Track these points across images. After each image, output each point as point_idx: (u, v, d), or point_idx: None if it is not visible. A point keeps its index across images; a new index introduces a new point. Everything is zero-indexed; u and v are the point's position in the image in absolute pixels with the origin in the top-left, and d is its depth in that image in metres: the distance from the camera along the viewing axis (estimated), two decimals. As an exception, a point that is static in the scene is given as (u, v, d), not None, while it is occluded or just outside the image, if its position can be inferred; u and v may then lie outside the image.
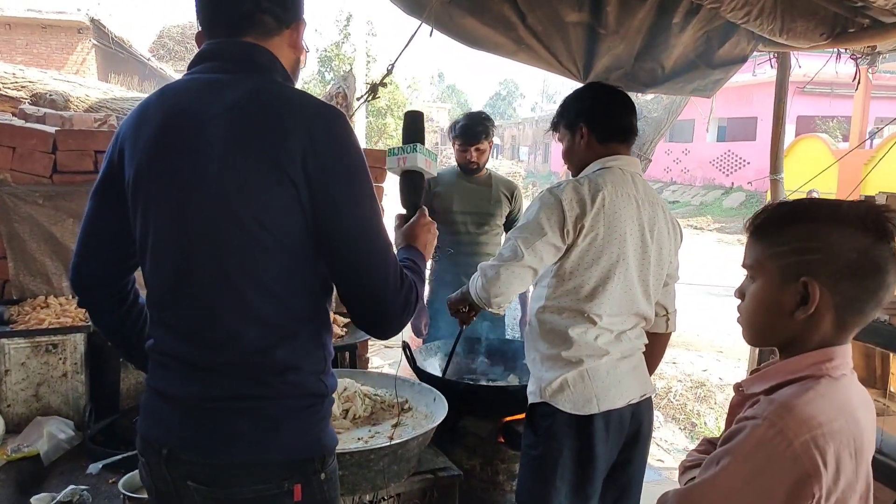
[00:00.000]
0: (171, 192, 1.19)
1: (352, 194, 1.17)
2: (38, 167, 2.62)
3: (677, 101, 4.35)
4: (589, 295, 1.83)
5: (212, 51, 1.24)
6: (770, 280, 1.03)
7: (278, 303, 1.18)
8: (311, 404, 1.23)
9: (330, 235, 1.17)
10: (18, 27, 15.02)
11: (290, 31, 1.27)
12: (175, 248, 1.20)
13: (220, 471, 1.18)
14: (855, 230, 0.97)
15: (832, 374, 0.99)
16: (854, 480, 0.97)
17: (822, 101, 17.13)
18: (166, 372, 1.23)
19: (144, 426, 1.26)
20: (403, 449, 1.92)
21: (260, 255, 1.15)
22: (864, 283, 0.98)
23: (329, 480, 1.25)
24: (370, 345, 6.11)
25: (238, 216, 1.14)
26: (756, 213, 1.09)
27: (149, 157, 1.20)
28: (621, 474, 1.95)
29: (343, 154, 1.17)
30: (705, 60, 3.31)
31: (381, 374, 2.52)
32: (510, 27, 2.96)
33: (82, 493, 1.85)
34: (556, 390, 1.83)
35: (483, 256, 3.32)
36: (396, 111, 18.41)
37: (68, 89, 4.07)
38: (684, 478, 1.15)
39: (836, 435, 0.94)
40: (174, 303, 1.22)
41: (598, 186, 1.82)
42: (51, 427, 2.17)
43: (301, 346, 1.21)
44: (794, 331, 1.02)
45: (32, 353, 2.24)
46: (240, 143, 1.14)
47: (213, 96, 1.18)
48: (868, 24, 2.93)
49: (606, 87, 2.06)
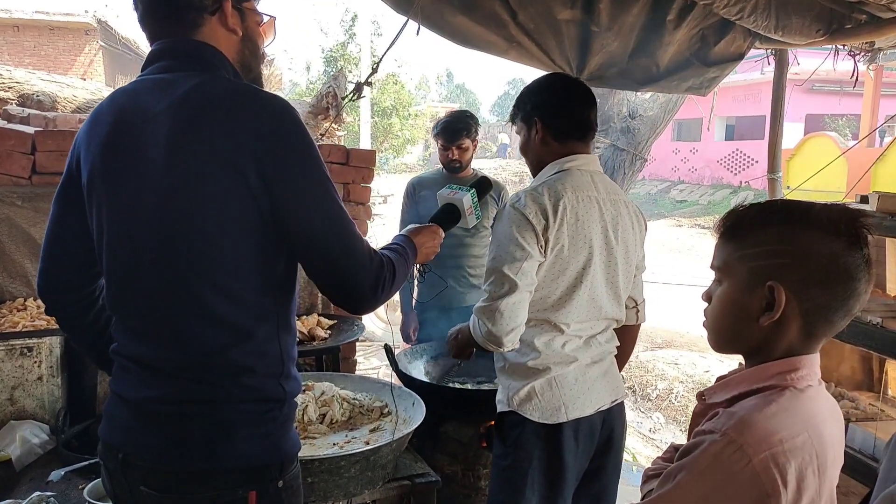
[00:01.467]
0: (120, 190, 1.18)
1: (307, 180, 1.16)
2: (17, 168, 2.59)
3: (673, 100, 4.29)
4: (555, 304, 1.77)
5: (158, 51, 1.23)
6: (737, 283, 0.98)
7: (233, 301, 1.16)
8: (268, 409, 1.20)
9: (290, 225, 1.16)
10: (26, 29, 15.13)
11: (218, 15, 1.23)
12: (126, 246, 1.19)
13: (172, 477, 1.17)
14: (827, 235, 0.92)
15: (797, 386, 0.95)
16: (817, 498, 0.91)
17: (831, 99, 16.96)
18: (126, 375, 1.22)
19: (104, 430, 1.25)
20: (376, 455, 1.87)
21: (211, 252, 1.14)
22: (834, 291, 0.92)
23: (288, 488, 1.22)
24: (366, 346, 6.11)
25: (186, 212, 1.13)
26: (727, 214, 1.04)
27: (101, 159, 1.21)
28: (594, 482, 1.90)
29: (293, 142, 1.16)
30: (700, 58, 3.26)
31: (361, 378, 2.48)
32: (501, 25, 2.92)
33: (49, 499, 1.82)
34: (524, 399, 1.78)
35: (469, 258, 3.28)
36: (402, 111, 18.37)
37: (56, 90, 4.06)
38: (646, 487, 1.11)
39: (798, 451, 0.89)
40: (128, 302, 1.22)
41: (558, 195, 1.74)
42: (24, 431, 2.14)
43: (256, 346, 1.19)
44: (760, 337, 0.97)
45: (7, 356, 2.21)
46: (185, 138, 1.13)
47: (160, 94, 1.17)
48: (865, 20, 2.87)
49: (565, 80, 1.97)
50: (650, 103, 4.36)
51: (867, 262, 0.93)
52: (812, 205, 0.98)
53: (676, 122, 21.97)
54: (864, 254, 0.92)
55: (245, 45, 1.28)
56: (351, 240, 1.20)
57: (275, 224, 1.15)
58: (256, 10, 1.31)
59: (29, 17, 14.95)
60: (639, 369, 6.29)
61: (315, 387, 2.23)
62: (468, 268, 3.29)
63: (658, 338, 7.22)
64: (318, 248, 1.18)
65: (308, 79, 20.63)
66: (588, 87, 1.95)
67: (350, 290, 1.22)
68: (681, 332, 7.28)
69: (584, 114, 1.86)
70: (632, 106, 4.39)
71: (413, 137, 19.22)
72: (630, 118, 4.35)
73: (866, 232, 0.93)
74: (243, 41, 1.28)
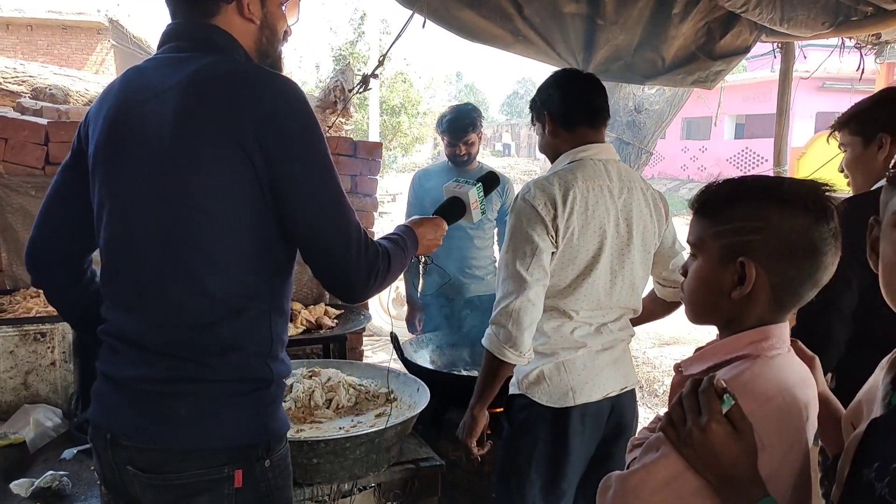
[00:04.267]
0: (122, 162, 1.19)
1: (308, 163, 1.16)
2: (31, 159, 2.64)
3: (679, 94, 4.29)
4: (564, 292, 1.77)
5: (172, 31, 1.25)
6: (710, 258, 1.01)
7: (225, 277, 1.16)
8: (256, 389, 1.21)
9: (287, 205, 1.16)
10: (39, 28, 15.27)
11: (235, 4, 1.23)
12: (125, 217, 1.20)
13: (157, 456, 1.17)
14: (796, 210, 0.95)
15: (767, 354, 0.98)
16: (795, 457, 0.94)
17: (842, 96, 16.84)
18: (114, 355, 1.23)
19: (94, 411, 1.26)
20: (381, 438, 1.90)
21: (208, 226, 1.14)
22: (802, 264, 0.95)
23: (275, 468, 1.23)
24: (374, 340, 6.14)
25: (187, 186, 1.13)
26: (701, 190, 1.07)
27: (107, 132, 1.22)
28: (603, 469, 1.87)
29: (296, 123, 1.16)
30: (706, 51, 3.26)
31: (367, 365, 2.51)
32: (507, 19, 2.94)
33: (62, 478, 1.86)
34: (533, 382, 1.80)
35: (474, 250, 3.30)
36: (411, 109, 18.39)
37: (68, 83, 4.12)
38: (630, 456, 1.13)
39: (773, 414, 0.92)
40: (121, 275, 1.22)
41: (567, 184, 1.74)
42: (38, 415, 2.19)
43: (246, 324, 1.19)
44: (732, 310, 1.00)
45: (21, 341, 2.26)
46: (191, 114, 1.13)
47: (169, 72, 1.18)
48: (871, 12, 2.87)
49: (570, 73, 1.96)
50: (656, 97, 4.36)
51: (834, 235, 0.95)
52: (782, 180, 1.01)
53: (685, 121, 21.89)
54: (830, 227, 0.95)
55: (263, 32, 1.28)
56: (347, 226, 1.19)
57: (274, 204, 1.15)
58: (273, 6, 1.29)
59: (42, 17, 15.08)
60: (646, 366, 6.30)
61: (321, 373, 2.27)
62: (471, 259, 3.32)
63: (666, 335, 7.21)
64: (313, 231, 1.18)
65: (318, 77, 20.68)
66: (597, 78, 1.95)
67: (342, 277, 1.22)
68: (689, 329, 7.27)
69: (590, 98, 1.86)
70: (637, 100, 4.41)
71: (422, 136, 19.22)
72: (636, 112, 4.36)
73: (831, 205, 0.95)
74: (261, 29, 1.28)
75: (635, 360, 6.20)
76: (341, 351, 2.77)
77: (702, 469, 0.89)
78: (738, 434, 0.87)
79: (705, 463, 0.88)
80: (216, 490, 1.17)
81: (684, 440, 0.89)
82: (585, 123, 1.85)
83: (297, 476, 1.79)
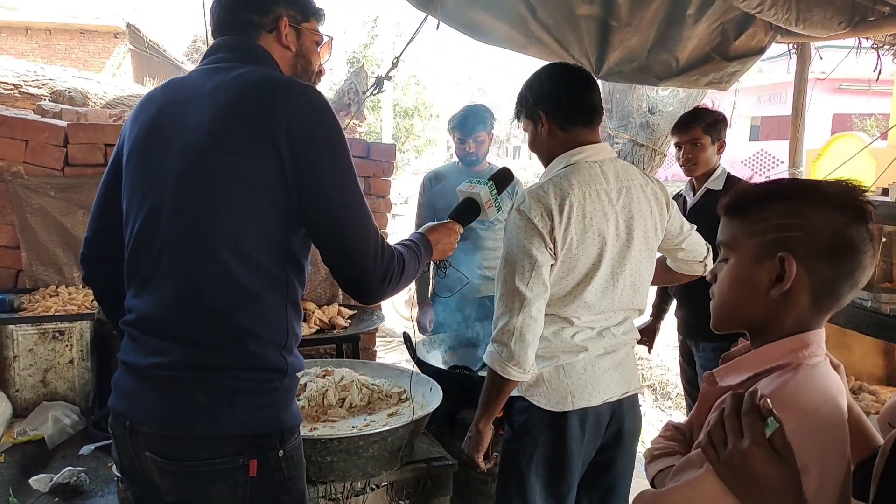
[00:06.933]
0: (158, 153, 1.26)
1: (333, 167, 1.23)
2: (50, 160, 2.68)
3: (693, 95, 4.27)
4: (564, 300, 1.74)
5: (216, 45, 1.36)
6: (746, 257, 0.99)
7: (248, 263, 1.21)
8: (270, 379, 1.25)
9: (310, 206, 1.23)
10: (58, 33, 15.47)
11: (275, 33, 1.37)
12: (152, 202, 1.25)
13: (175, 442, 1.21)
14: (834, 209, 0.93)
15: (808, 362, 0.95)
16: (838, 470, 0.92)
17: (859, 98, 16.66)
18: (133, 344, 1.27)
19: (114, 400, 1.30)
20: (394, 436, 1.91)
21: (233, 211, 1.20)
22: (840, 264, 0.94)
23: (289, 458, 1.27)
24: (387, 341, 6.16)
25: (216, 173, 1.20)
26: (732, 192, 1.05)
27: (144, 133, 1.30)
28: (606, 474, 1.88)
29: (324, 129, 1.24)
30: (721, 52, 3.25)
31: (380, 365, 2.53)
32: (520, 21, 2.95)
33: (80, 474, 1.89)
34: (532, 385, 1.77)
35: (484, 251, 3.29)
36: (423, 112, 18.43)
37: (87, 86, 4.18)
38: (654, 466, 1.11)
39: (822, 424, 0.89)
40: (144, 261, 1.26)
41: (563, 193, 1.68)
42: (56, 412, 2.23)
43: (264, 312, 1.24)
44: (768, 311, 0.97)
45: (40, 339, 2.30)
46: (228, 109, 1.21)
47: (208, 77, 1.28)
48: (889, 12, 2.85)
49: (562, 67, 1.87)
50: (670, 99, 4.34)
51: (872, 236, 0.94)
52: (817, 181, 1.00)
53: (700, 123, 21.71)
54: (868, 227, 0.93)
55: (298, 60, 1.41)
56: (366, 230, 1.25)
57: (298, 202, 1.22)
58: (315, 31, 1.44)
59: (60, 22, 15.29)
60: (659, 368, 6.25)
61: (335, 372, 2.28)
62: (482, 260, 3.32)
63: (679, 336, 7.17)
64: (334, 233, 1.24)
65: (332, 80, 20.78)
66: (587, 71, 1.89)
67: (360, 279, 1.27)
68: (702, 332, 7.21)
69: (587, 98, 1.79)
70: (651, 101, 4.39)
71: (435, 138, 19.25)
72: (650, 114, 4.34)
73: (870, 206, 0.94)
74: (296, 56, 1.41)
75: (648, 363, 6.16)
76: (354, 351, 2.79)
77: (742, 494, 0.85)
78: (781, 459, 0.82)
79: (745, 488, 0.84)
80: (232, 478, 1.21)
81: (725, 462, 0.85)
82: (582, 123, 1.78)
83: (310, 474, 1.81)
